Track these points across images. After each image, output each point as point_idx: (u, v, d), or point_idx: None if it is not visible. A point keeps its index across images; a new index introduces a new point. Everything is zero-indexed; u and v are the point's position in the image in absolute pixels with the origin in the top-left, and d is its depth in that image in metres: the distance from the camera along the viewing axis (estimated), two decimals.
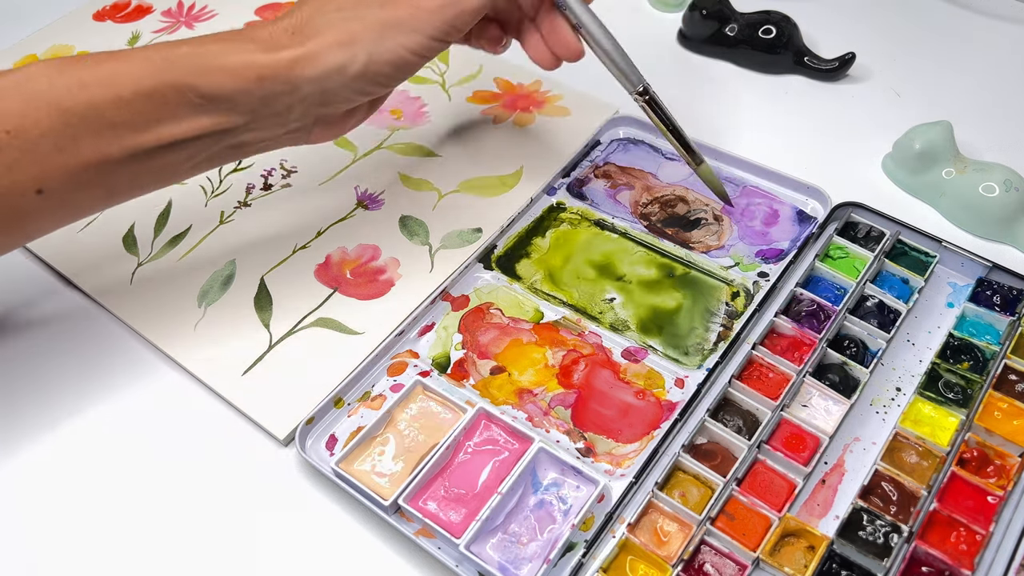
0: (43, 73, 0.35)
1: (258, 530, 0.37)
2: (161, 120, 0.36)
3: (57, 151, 0.35)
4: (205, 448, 0.40)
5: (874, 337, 0.42)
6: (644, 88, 0.43)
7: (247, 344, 0.43)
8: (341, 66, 0.38)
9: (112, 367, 0.43)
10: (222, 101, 0.37)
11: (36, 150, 0.34)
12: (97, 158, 0.35)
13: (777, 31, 0.57)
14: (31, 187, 0.35)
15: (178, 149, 0.37)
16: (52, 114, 0.34)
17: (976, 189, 0.46)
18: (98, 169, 0.36)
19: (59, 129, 0.34)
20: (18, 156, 0.34)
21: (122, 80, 0.35)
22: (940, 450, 0.37)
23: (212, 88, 0.36)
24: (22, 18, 0.65)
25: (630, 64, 0.43)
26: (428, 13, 0.38)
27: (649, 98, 0.44)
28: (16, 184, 0.34)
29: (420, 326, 0.44)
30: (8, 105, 0.34)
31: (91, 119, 0.35)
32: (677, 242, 0.47)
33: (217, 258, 0.47)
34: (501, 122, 0.55)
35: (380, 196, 0.50)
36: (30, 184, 0.35)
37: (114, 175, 0.37)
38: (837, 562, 0.35)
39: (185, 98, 0.36)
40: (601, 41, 0.42)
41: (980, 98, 0.55)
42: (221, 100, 0.37)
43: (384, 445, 0.39)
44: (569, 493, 0.37)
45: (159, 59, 0.36)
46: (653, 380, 0.41)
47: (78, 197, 0.37)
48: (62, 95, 0.34)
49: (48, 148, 0.34)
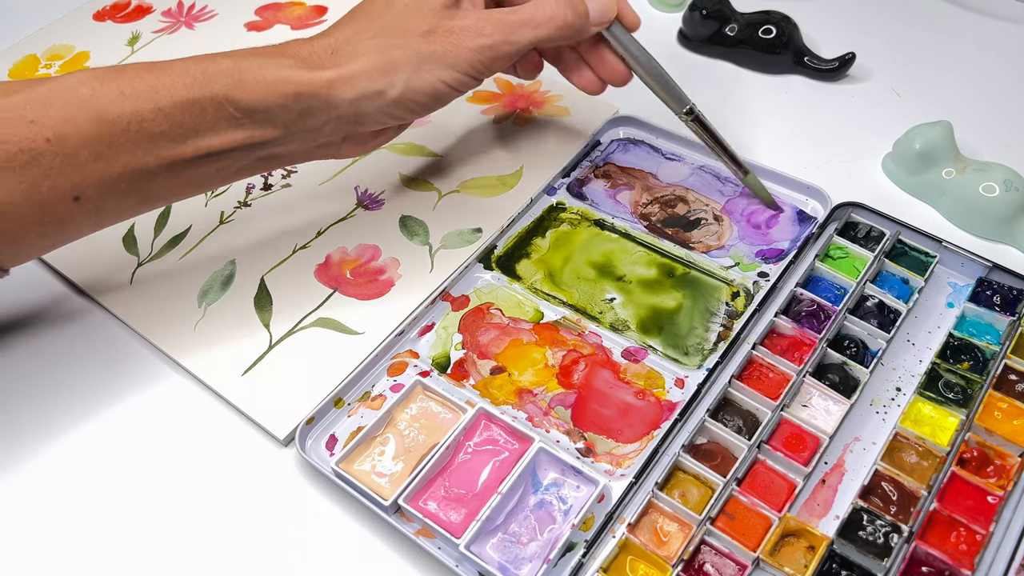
0: (86, 82, 0.35)
1: (258, 530, 0.37)
2: (199, 132, 0.37)
3: (96, 159, 0.35)
4: (205, 448, 0.40)
5: (874, 337, 0.42)
6: (690, 108, 0.45)
7: (247, 344, 0.43)
8: (379, 91, 0.39)
9: (112, 367, 0.43)
10: (259, 114, 0.37)
11: (76, 158, 0.35)
12: (134, 167, 0.36)
13: (777, 31, 0.57)
14: (69, 194, 0.35)
15: (213, 160, 0.38)
16: (93, 123, 0.35)
17: (976, 189, 0.46)
18: (134, 177, 0.36)
19: (99, 138, 0.35)
20: (58, 164, 0.34)
21: (162, 92, 0.36)
22: (940, 450, 0.37)
23: (250, 102, 0.37)
24: (22, 18, 0.65)
25: (675, 87, 0.45)
26: (468, 52, 0.39)
27: (695, 117, 0.45)
28: (54, 190, 0.35)
29: (420, 326, 0.44)
30: (51, 113, 0.34)
31: (131, 129, 0.35)
32: (677, 242, 0.47)
33: (217, 258, 0.47)
34: (501, 122, 0.55)
35: (380, 196, 0.50)
36: (68, 191, 0.35)
37: (149, 184, 0.37)
38: (837, 562, 0.35)
39: (223, 111, 0.37)
40: (648, 68, 0.44)
41: (980, 98, 0.55)
42: (258, 113, 0.37)
43: (384, 445, 0.39)
44: (569, 493, 0.37)
45: (199, 72, 0.36)
46: (653, 380, 0.41)
47: (113, 204, 0.37)
48: (104, 105, 0.35)
49: (87, 156, 0.35)
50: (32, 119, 0.34)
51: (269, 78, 0.37)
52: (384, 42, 0.39)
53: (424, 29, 0.39)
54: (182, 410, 0.41)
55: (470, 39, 0.39)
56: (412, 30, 0.39)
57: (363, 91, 0.38)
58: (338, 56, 0.38)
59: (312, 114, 0.38)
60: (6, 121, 0.34)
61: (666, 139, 0.53)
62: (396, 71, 0.38)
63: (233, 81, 0.37)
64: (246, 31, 0.62)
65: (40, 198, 0.35)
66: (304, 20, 0.64)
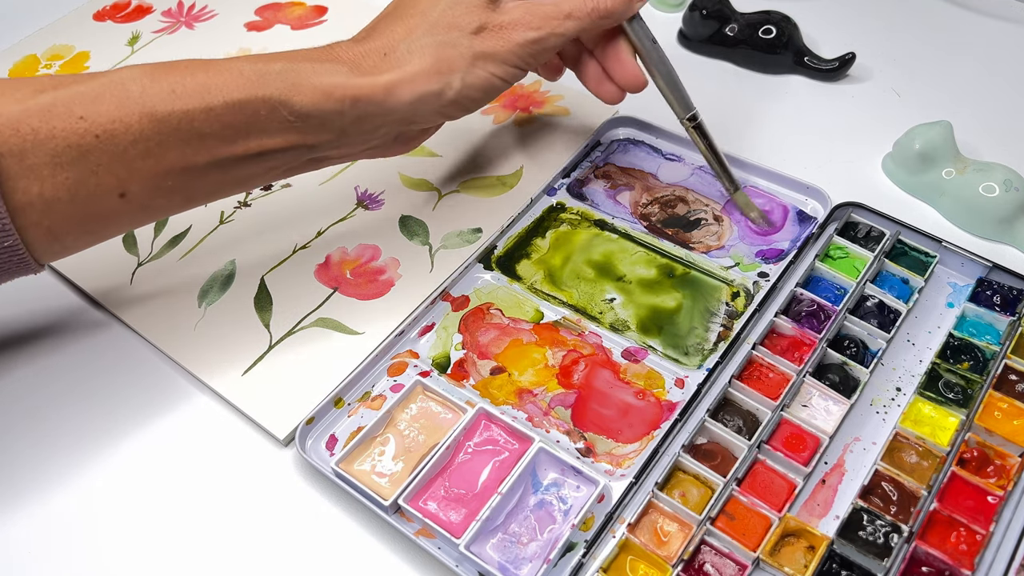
0: (136, 78, 0.35)
1: (258, 530, 0.37)
2: (250, 133, 0.36)
3: (144, 157, 0.35)
4: (205, 448, 0.40)
5: (874, 337, 0.42)
6: (694, 115, 0.45)
7: (247, 344, 0.43)
8: (437, 92, 0.39)
9: (111, 367, 0.43)
10: (314, 118, 0.37)
11: (124, 155, 0.34)
12: (182, 165, 0.36)
13: (777, 31, 0.57)
14: (115, 190, 0.35)
15: (263, 160, 0.38)
16: (143, 120, 0.34)
17: (976, 189, 0.46)
18: (181, 175, 0.36)
19: (148, 136, 0.34)
20: (106, 160, 0.34)
21: (214, 91, 0.35)
22: (940, 450, 0.37)
23: (306, 106, 0.37)
24: (22, 18, 0.65)
25: (684, 91, 0.45)
26: (519, 46, 0.40)
27: (697, 124, 0.45)
28: (101, 186, 0.35)
29: (420, 326, 0.44)
30: (101, 109, 0.34)
31: (182, 128, 0.35)
32: (677, 242, 0.47)
33: (217, 258, 0.47)
34: (501, 122, 0.55)
35: (380, 196, 0.50)
36: (115, 187, 0.35)
37: (196, 182, 0.37)
38: (837, 562, 0.35)
39: (277, 114, 0.36)
40: (661, 67, 0.44)
41: (980, 98, 0.55)
42: (313, 118, 0.37)
43: (384, 445, 0.39)
44: (569, 493, 0.37)
45: (252, 72, 0.36)
46: (653, 380, 0.41)
47: (158, 201, 0.37)
48: (155, 102, 0.34)
49: (136, 153, 0.34)
50: (81, 115, 0.33)
51: (326, 83, 0.37)
52: (437, 41, 0.39)
53: (475, 25, 0.39)
54: (182, 410, 0.41)
55: (519, 33, 0.40)
56: (463, 26, 0.39)
57: (421, 93, 0.38)
58: (391, 59, 0.38)
59: (368, 119, 0.38)
60: (55, 116, 0.33)
61: (666, 139, 0.53)
62: (452, 71, 0.39)
63: (288, 84, 0.36)
64: (246, 31, 0.62)
65: (86, 194, 0.34)
66: (304, 20, 0.64)
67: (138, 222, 0.38)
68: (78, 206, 0.35)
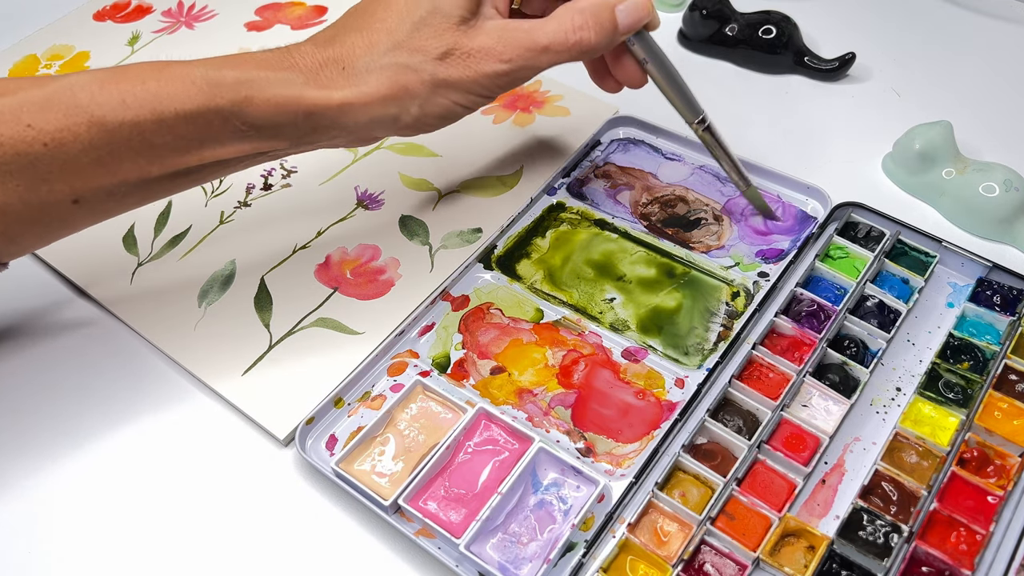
0: (85, 86, 0.34)
1: (258, 530, 0.37)
2: (204, 144, 0.36)
3: (96, 165, 0.34)
4: (205, 448, 0.40)
5: (874, 337, 0.42)
6: (703, 118, 0.44)
7: (247, 344, 0.43)
8: (394, 116, 0.37)
9: (111, 367, 0.43)
10: (268, 130, 0.36)
11: (75, 164, 0.34)
12: (137, 176, 0.35)
13: (777, 31, 0.57)
14: (68, 197, 0.35)
15: (218, 167, 0.37)
16: (92, 130, 0.34)
17: (976, 189, 0.46)
18: (137, 183, 0.36)
19: (99, 145, 0.34)
20: (56, 168, 0.34)
21: (165, 102, 0.34)
22: (940, 450, 0.37)
23: (259, 119, 0.36)
24: (22, 18, 0.65)
25: (691, 96, 0.43)
26: (485, 77, 0.37)
27: (707, 127, 0.44)
28: (53, 193, 0.34)
29: (420, 326, 0.44)
30: (48, 118, 0.33)
31: (133, 139, 0.34)
32: (677, 242, 0.47)
33: (217, 258, 0.47)
34: (501, 122, 0.55)
35: (380, 196, 0.50)
36: (68, 194, 0.35)
37: (151, 188, 0.37)
38: (837, 562, 0.35)
39: (230, 125, 0.36)
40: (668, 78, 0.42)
41: (980, 98, 0.55)
42: (267, 130, 0.36)
43: (384, 445, 0.39)
44: (569, 493, 0.37)
45: (204, 82, 0.35)
46: (653, 380, 0.41)
47: (113, 205, 0.37)
48: (104, 112, 0.34)
49: (87, 162, 0.34)
50: (29, 123, 0.33)
51: (279, 97, 0.36)
52: (398, 63, 0.36)
53: (441, 50, 0.37)
54: (182, 410, 0.41)
55: (488, 64, 0.37)
56: (428, 49, 0.37)
57: (375, 117, 0.37)
58: (348, 74, 0.36)
59: (322, 131, 0.37)
60: (3, 123, 0.33)
61: (666, 139, 0.53)
62: (410, 97, 0.37)
63: (241, 96, 0.35)
64: (246, 31, 0.62)
65: (38, 201, 0.34)
66: (304, 20, 0.64)
67: (93, 223, 0.38)
68: (32, 211, 0.35)
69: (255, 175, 0.52)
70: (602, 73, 0.43)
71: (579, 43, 0.38)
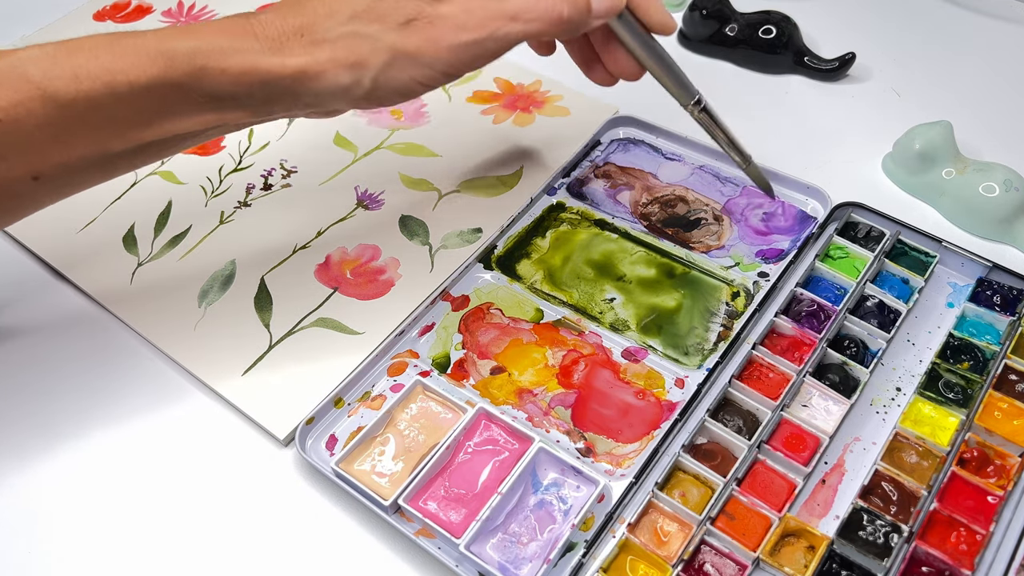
0: (35, 60, 0.33)
1: (258, 530, 0.37)
2: (163, 116, 0.35)
3: (53, 141, 0.34)
4: (205, 448, 0.40)
5: (874, 337, 0.42)
6: (699, 99, 0.42)
7: (247, 344, 0.43)
8: (346, 88, 0.36)
9: (112, 367, 0.43)
10: (226, 100, 0.36)
11: (31, 140, 0.33)
12: (97, 151, 0.35)
13: (777, 31, 0.57)
14: (27, 174, 0.34)
15: (179, 140, 0.37)
16: (47, 105, 0.33)
17: (976, 189, 0.46)
18: (98, 160, 0.35)
19: (55, 121, 0.33)
20: (12, 145, 0.33)
21: (119, 76, 0.33)
22: (940, 450, 0.37)
23: (216, 89, 0.35)
24: (22, 18, 0.65)
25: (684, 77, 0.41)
26: (446, 51, 0.35)
27: (703, 108, 0.42)
28: (11, 171, 0.34)
29: (420, 326, 0.44)
30: (1, 93, 0.32)
31: (88, 114, 0.34)
32: (677, 242, 0.47)
33: (217, 258, 0.47)
34: (501, 122, 0.55)
35: (380, 196, 0.50)
36: (26, 171, 0.34)
37: (114, 163, 0.36)
38: (837, 562, 0.35)
39: (188, 96, 0.35)
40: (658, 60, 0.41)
41: (980, 98, 0.55)
42: (225, 99, 0.36)
43: (384, 445, 0.39)
44: (569, 493, 0.37)
45: (156, 54, 0.34)
46: (653, 380, 0.41)
47: (75, 181, 0.36)
48: (57, 87, 0.33)
49: (44, 138, 0.33)
50: None
51: (235, 66, 0.34)
52: (355, 31, 0.35)
53: (403, 18, 0.35)
54: (182, 410, 0.41)
55: (451, 34, 0.35)
56: (389, 17, 0.35)
57: (328, 86, 0.35)
58: (306, 41, 0.35)
59: (277, 100, 0.36)
60: None
61: (666, 139, 0.53)
62: (365, 67, 0.35)
63: (196, 67, 0.34)
64: None
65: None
66: None
67: (57, 199, 0.37)
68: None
69: (255, 175, 0.52)
70: (590, 62, 0.42)
71: (548, 12, 0.36)
